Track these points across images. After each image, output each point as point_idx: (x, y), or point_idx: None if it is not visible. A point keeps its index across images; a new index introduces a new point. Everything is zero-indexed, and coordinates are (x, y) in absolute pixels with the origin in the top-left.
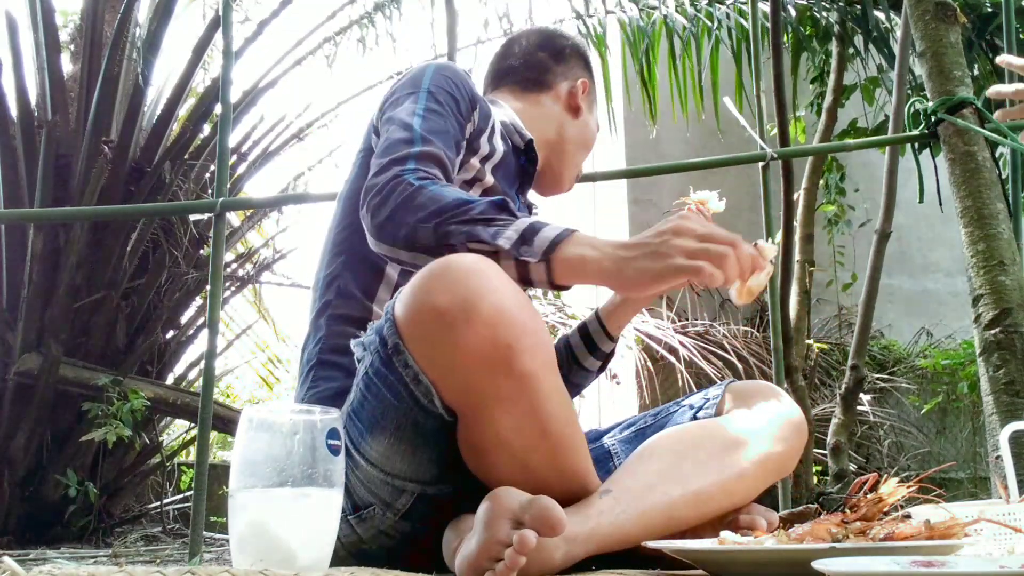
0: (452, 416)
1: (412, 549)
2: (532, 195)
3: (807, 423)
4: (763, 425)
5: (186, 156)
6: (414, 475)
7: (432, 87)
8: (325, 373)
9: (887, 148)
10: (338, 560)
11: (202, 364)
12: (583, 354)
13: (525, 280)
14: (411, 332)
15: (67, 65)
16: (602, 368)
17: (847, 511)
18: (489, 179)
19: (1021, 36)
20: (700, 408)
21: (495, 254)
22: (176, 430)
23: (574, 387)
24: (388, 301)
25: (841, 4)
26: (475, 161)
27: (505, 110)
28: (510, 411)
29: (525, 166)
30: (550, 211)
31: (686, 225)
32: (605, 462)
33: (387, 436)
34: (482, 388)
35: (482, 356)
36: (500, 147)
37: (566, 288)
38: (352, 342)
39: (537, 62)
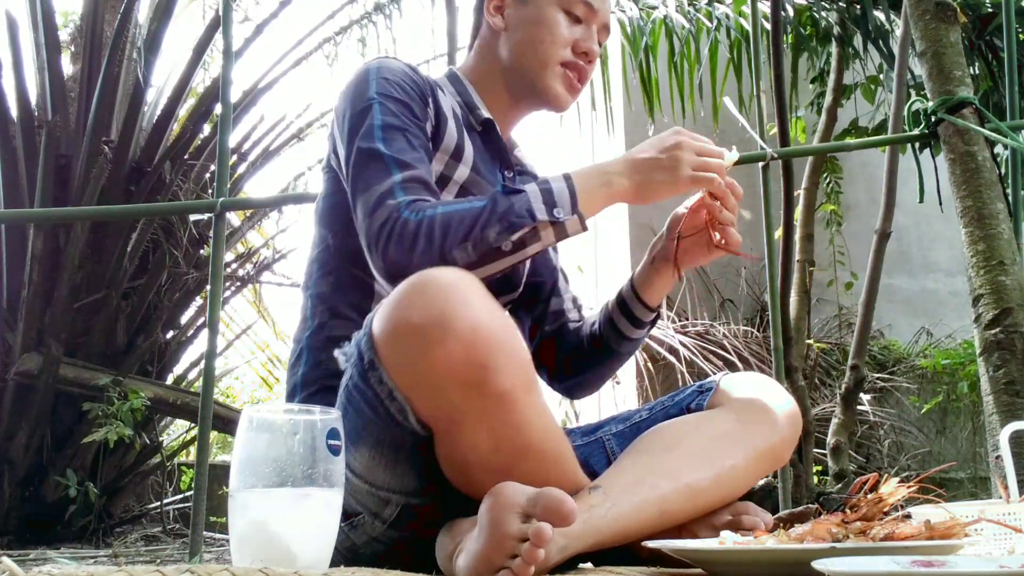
0: (427, 432)
1: (406, 553)
2: (524, 152)
3: (805, 421)
4: (757, 416)
5: (186, 156)
6: (397, 486)
7: (380, 98)
8: (328, 399)
9: (887, 148)
10: (336, 565)
11: (202, 364)
12: (624, 325)
13: (562, 237)
14: (386, 348)
15: (67, 65)
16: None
17: (847, 511)
18: (463, 173)
19: (1021, 36)
20: (693, 401)
21: (534, 229)
22: (176, 430)
23: (620, 356)
24: None
25: (841, 4)
26: (447, 158)
27: (461, 88)
28: (486, 430)
29: (497, 141)
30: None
31: (685, 140)
32: (599, 456)
33: (368, 448)
34: (457, 406)
35: (456, 375)
36: (462, 135)
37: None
38: (336, 352)
39: (476, 11)
